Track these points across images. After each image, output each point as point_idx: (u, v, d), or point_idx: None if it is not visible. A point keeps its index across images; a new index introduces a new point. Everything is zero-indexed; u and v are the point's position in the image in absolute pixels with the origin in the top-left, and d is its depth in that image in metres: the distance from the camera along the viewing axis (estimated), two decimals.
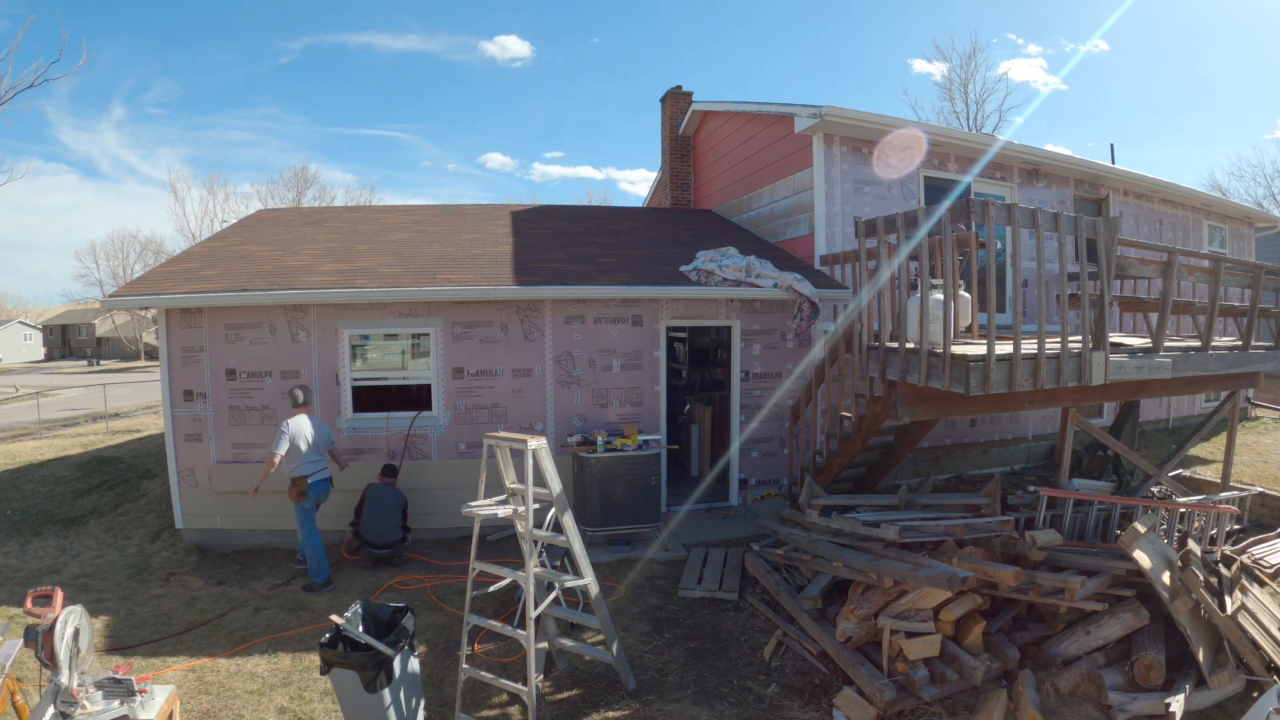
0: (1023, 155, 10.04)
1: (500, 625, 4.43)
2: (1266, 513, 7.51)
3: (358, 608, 4.41)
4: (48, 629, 3.35)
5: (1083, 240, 5.35)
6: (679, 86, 13.33)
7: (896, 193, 9.33)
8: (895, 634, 4.55)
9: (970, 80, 31.52)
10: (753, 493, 8.62)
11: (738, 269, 8.15)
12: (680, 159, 13.74)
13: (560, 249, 9.43)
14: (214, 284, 7.57)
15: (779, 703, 4.57)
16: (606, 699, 4.62)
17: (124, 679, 3.57)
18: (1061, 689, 4.33)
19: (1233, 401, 7.46)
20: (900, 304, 5.74)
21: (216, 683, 4.90)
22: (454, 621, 5.77)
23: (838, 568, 5.35)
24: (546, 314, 7.94)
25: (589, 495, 7.24)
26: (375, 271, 8.09)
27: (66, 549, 7.61)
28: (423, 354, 7.97)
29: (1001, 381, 5.06)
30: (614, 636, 4.66)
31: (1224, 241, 13.86)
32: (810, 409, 7.72)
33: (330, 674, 4.15)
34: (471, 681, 4.53)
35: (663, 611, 5.89)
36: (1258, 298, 6.62)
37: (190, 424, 7.61)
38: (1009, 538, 5.45)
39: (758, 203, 10.84)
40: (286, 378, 7.63)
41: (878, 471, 7.58)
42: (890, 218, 5.70)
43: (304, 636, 5.54)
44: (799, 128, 9.04)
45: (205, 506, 7.64)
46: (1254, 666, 4.42)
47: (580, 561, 4.58)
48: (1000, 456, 10.28)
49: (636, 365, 8.17)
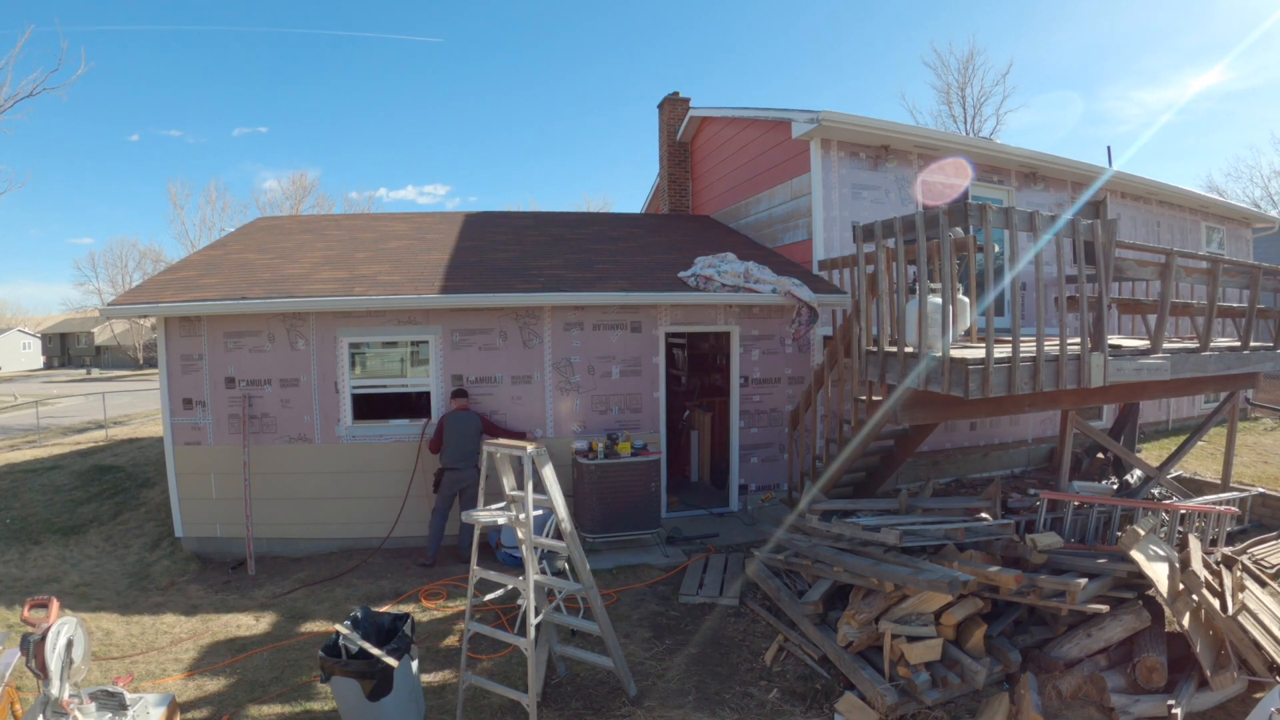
0: (1020, 158, 10.07)
1: (501, 632, 4.42)
2: (1267, 513, 7.51)
3: (358, 615, 4.40)
4: (39, 639, 3.30)
5: (1080, 243, 5.36)
6: (676, 93, 13.37)
7: (894, 197, 9.36)
8: (897, 638, 4.54)
9: (968, 84, 31.58)
10: (753, 498, 8.61)
11: (736, 274, 8.17)
12: (678, 165, 13.77)
13: (559, 255, 9.45)
14: (213, 292, 7.58)
15: (781, 708, 4.55)
16: (608, 705, 4.61)
17: (117, 691, 3.55)
18: (1064, 692, 4.32)
19: (1232, 402, 7.47)
20: (899, 308, 5.74)
21: (217, 691, 4.88)
22: (454, 629, 5.77)
23: (838, 573, 5.35)
24: (545, 320, 7.95)
25: (589, 501, 7.24)
26: (374, 279, 8.10)
27: (66, 557, 7.59)
28: (422, 361, 7.97)
29: (1000, 385, 5.07)
30: (615, 643, 4.64)
31: (1222, 243, 13.90)
32: (810, 414, 7.72)
33: (331, 682, 4.14)
34: (473, 689, 4.53)
35: (663, 617, 5.87)
36: (1256, 298, 6.64)
37: (189, 432, 7.61)
38: (1010, 541, 5.45)
39: (756, 208, 10.86)
40: (285, 386, 7.63)
41: (878, 476, 7.57)
42: (888, 222, 5.71)
43: (305, 644, 5.53)
44: (796, 133, 9.07)
45: (205, 515, 7.63)
46: (1256, 667, 4.41)
47: (580, 568, 4.57)
48: (1000, 460, 10.28)
49: (636, 371, 8.18)
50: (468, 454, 7.18)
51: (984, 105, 31.48)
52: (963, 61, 37.07)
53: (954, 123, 31.44)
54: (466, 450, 7.18)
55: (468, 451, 7.17)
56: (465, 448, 7.18)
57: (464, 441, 7.18)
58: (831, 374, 7.09)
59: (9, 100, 17.23)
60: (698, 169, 13.50)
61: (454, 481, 7.20)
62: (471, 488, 7.16)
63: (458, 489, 7.24)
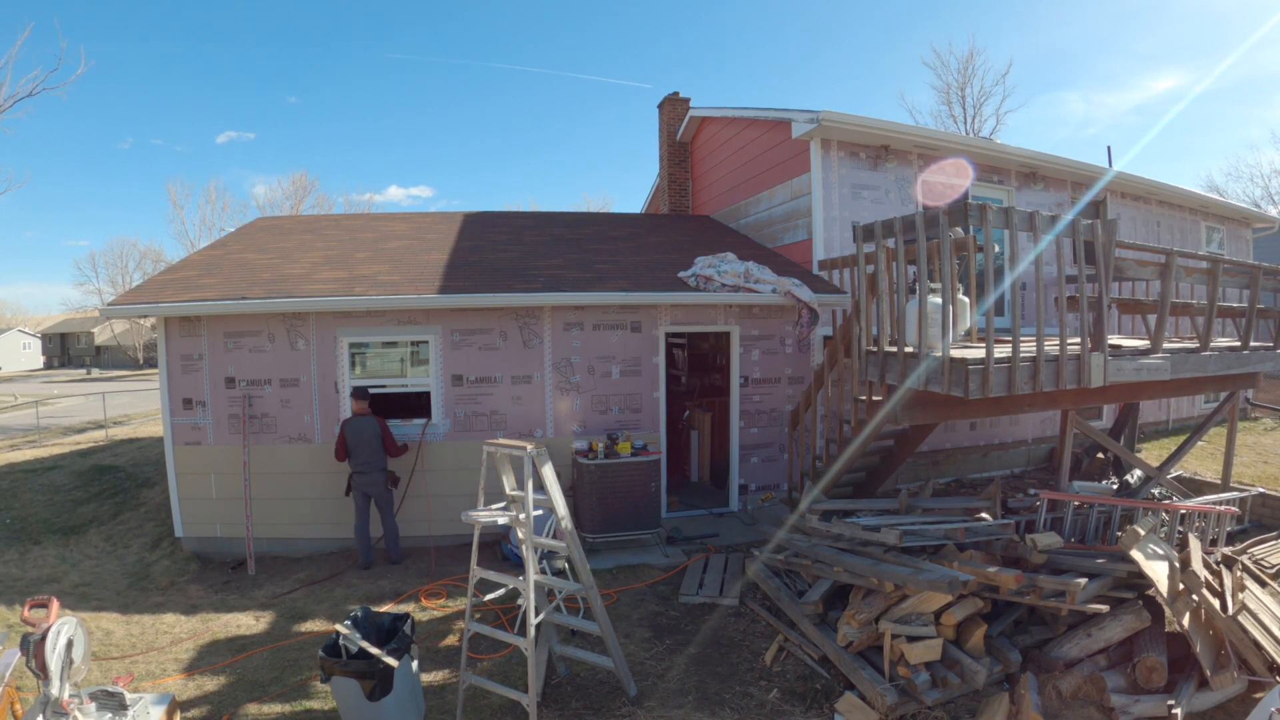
0: (1020, 158, 10.07)
1: (501, 632, 4.42)
2: (1267, 513, 7.51)
3: (358, 615, 4.40)
4: (39, 639, 3.31)
5: (1080, 242, 5.36)
6: (676, 93, 13.38)
7: (894, 197, 9.36)
8: (897, 638, 4.54)
9: (968, 84, 31.60)
10: (753, 498, 8.61)
11: (736, 274, 8.17)
12: (678, 165, 13.77)
13: (559, 255, 9.45)
14: (213, 292, 7.58)
15: (781, 708, 4.55)
16: (608, 705, 4.61)
17: (117, 691, 3.55)
18: (1064, 692, 4.32)
19: (1232, 402, 7.47)
20: (899, 308, 5.74)
21: (216, 691, 4.88)
22: (454, 628, 5.77)
23: (838, 573, 5.35)
24: (545, 321, 7.95)
25: (589, 501, 7.24)
26: (374, 279, 8.10)
27: (66, 557, 7.60)
28: (422, 361, 7.97)
29: (1000, 385, 5.07)
30: (615, 643, 4.64)
31: (1222, 242, 13.90)
32: (809, 414, 7.72)
33: (331, 682, 4.14)
34: (473, 689, 4.53)
35: (663, 618, 5.88)
36: (1256, 298, 6.64)
37: (189, 432, 7.61)
38: (1010, 541, 5.45)
39: (756, 208, 10.86)
40: (286, 386, 7.63)
41: (878, 476, 7.57)
42: (888, 222, 5.71)
43: (305, 644, 5.53)
44: (796, 133, 9.07)
45: (205, 515, 7.63)
46: (1256, 667, 4.41)
47: (580, 568, 4.57)
48: (1000, 460, 10.28)
49: (636, 371, 8.18)
50: (371, 458, 7.12)
51: (984, 105, 31.55)
52: (962, 62, 37.13)
53: (954, 123, 31.48)
54: (369, 455, 7.11)
55: (371, 456, 7.11)
56: (367, 452, 7.10)
57: (365, 446, 7.10)
58: (831, 374, 7.09)
59: (9, 100, 17.26)
60: (698, 169, 13.50)
61: (361, 485, 7.13)
62: (380, 490, 7.17)
63: (366, 492, 7.16)
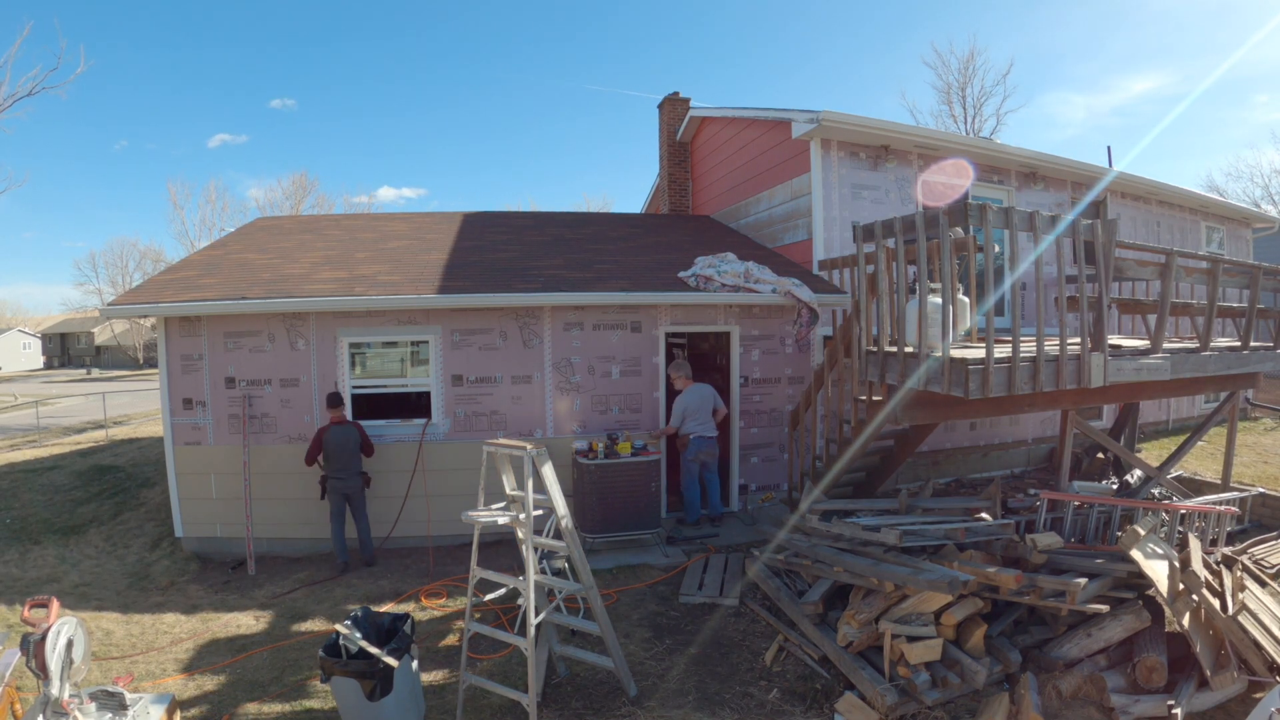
0: (1020, 158, 10.07)
1: (501, 632, 4.42)
2: (1267, 513, 7.51)
3: (358, 614, 4.40)
4: (39, 639, 3.31)
5: (1080, 242, 5.36)
6: (676, 93, 13.38)
7: (894, 197, 9.36)
8: (896, 638, 4.54)
9: (968, 84, 31.61)
10: (753, 498, 8.61)
11: (736, 274, 8.17)
12: (678, 165, 13.77)
13: (559, 255, 9.45)
14: (213, 292, 7.58)
15: (781, 708, 4.55)
16: (608, 705, 4.61)
17: (117, 692, 3.55)
18: (1063, 692, 4.32)
19: (1232, 402, 7.47)
20: (899, 308, 5.74)
21: (216, 691, 4.88)
22: (454, 628, 5.77)
23: (838, 573, 5.35)
24: (545, 320, 7.95)
25: (589, 501, 7.24)
26: (374, 279, 8.10)
27: (66, 557, 7.59)
28: (422, 361, 7.97)
29: (1000, 385, 5.07)
30: (615, 643, 4.64)
31: (1222, 242, 13.90)
32: (810, 414, 7.72)
33: (331, 682, 4.14)
34: (473, 689, 4.52)
35: (663, 618, 5.87)
36: (1256, 298, 6.64)
37: (189, 432, 7.61)
38: (1010, 541, 5.44)
39: (756, 208, 10.86)
40: (286, 386, 7.63)
41: (878, 476, 7.57)
42: (888, 222, 5.71)
43: (305, 644, 5.53)
44: (796, 133, 9.07)
45: (205, 515, 7.63)
46: (1256, 667, 4.41)
47: (580, 568, 4.57)
48: (1000, 460, 10.28)
49: (636, 371, 8.18)
50: (350, 463, 7.17)
51: (984, 105, 31.56)
52: (963, 61, 37.15)
53: (954, 123, 31.50)
54: (348, 460, 7.17)
55: (349, 461, 7.17)
56: (346, 458, 7.15)
57: (344, 453, 7.14)
58: (831, 374, 7.09)
59: (8, 99, 17.26)
60: (698, 169, 13.50)
61: (338, 489, 7.15)
62: (359, 492, 7.24)
63: (347, 494, 7.19)
